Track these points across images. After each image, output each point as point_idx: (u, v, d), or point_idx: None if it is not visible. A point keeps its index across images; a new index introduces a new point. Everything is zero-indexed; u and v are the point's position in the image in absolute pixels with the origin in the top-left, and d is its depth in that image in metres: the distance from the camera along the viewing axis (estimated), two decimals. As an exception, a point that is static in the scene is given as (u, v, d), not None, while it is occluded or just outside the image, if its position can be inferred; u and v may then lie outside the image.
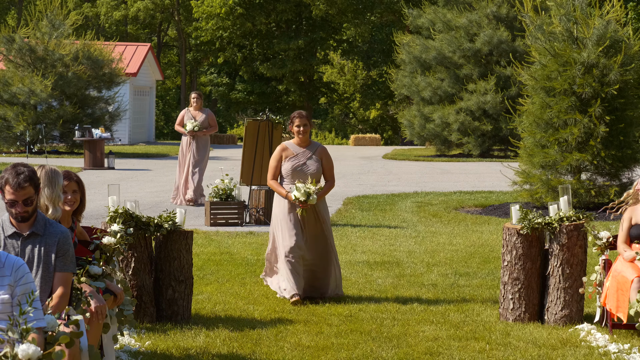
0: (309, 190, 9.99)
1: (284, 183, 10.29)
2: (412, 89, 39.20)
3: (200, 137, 18.70)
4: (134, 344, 8.04)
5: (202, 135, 18.69)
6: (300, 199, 9.97)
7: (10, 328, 4.85)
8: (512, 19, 37.18)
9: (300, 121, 10.37)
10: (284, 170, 10.29)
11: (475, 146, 36.96)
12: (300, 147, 10.37)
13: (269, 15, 59.18)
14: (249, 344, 8.15)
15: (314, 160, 10.30)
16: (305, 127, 10.34)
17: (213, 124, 18.86)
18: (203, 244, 13.86)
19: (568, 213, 9.11)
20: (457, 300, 10.17)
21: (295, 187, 10.03)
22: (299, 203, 10.01)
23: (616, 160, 17.82)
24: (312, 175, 10.22)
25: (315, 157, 10.33)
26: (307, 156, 10.32)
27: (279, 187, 10.22)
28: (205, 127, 18.69)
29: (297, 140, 10.39)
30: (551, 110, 17.70)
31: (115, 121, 36.81)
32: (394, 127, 64.73)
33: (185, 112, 18.85)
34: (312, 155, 10.33)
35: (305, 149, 10.36)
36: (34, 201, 6.10)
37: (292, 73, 59.25)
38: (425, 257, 13.06)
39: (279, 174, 10.33)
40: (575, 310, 9.00)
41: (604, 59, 17.44)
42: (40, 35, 35.10)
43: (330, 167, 10.41)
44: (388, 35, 58.00)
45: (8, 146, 34.88)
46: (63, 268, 6.15)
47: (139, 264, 8.94)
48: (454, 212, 18.54)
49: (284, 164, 10.29)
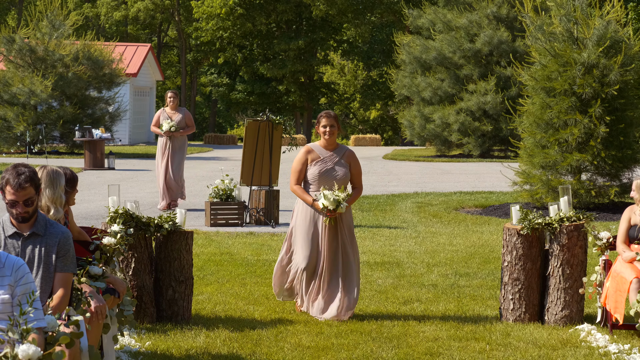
0: (338, 198, 9.14)
1: (310, 190, 9.40)
2: (413, 89, 39.21)
3: (177, 137, 18.04)
4: (134, 344, 8.04)
5: (179, 135, 18.03)
6: (329, 207, 9.13)
7: (11, 328, 4.85)
8: (512, 20, 37.19)
9: (327, 121, 9.45)
10: (310, 175, 9.39)
11: (475, 146, 36.96)
12: (326, 150, 9.47)
13: (269, 15, 59.18)
14: (249, 344, 8.15)
15: (341, 165, 9.44)
16: (332, 128, 9.40)
17: (190, 124, 18.17)
18: (203, 245, 13.86)
19: (568, 213, 9.11)
20: (457, 300, 10.17)
21: (323, 194, 9.18)
22: (327, 212, 9.19)
23: (616, 161, 17.81)
24: (340, 182, 9.37)
25: (343, 162, 9.45)
26: (334, 160, 9.44)
27: (304, 194, 9.34)
28: (182, 128, 18.00)
29: (323, 143, 9.48)
30: (551, 110, 17.70)
31: (115, 121, 36.82)
32: (394, 127, 64.74)
33: (161, 112, 18.12)
34: (340, 160, 9.45)
35: (332, 152, 9.47)
36: (35, 202, 6.09)
37: (293, 73, 59.25)
38: (426, 257, 13.06)
39: (303, 178, 9.44)
40: (576, 311, 9.00)
41: (604, 60, 17.44)
42: (40, 36, 35.10)
43: (358, 172, 9.53)
44: (388, 35, 58.00)
45: (8, 147, 34.88)
46: (63, 268, 6.15)
47: (139, 264, 8.94)
48: (454, 212, 18.54)
49: (310, 168, 9.39)
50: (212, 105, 69.39)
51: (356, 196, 9.44)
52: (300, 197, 9.39)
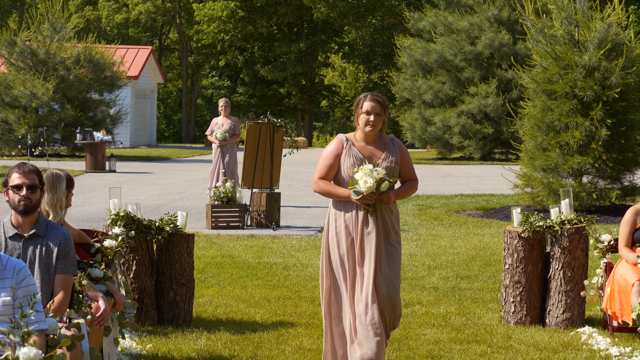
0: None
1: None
2: (414, 92, 39.22)
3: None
4: (135, 347, 8.04)
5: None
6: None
7: (12, 331, 4.85)
8: (513, 22, 37.20)
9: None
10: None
11: (476, 149, 36.96)
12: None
13: (270, 18, 59.21)
14: (251, 347, 8.15)
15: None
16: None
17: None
18: (204, 247, 13.86)
19: (569, 216, 9.11)
20: (459, 303, 10.17)
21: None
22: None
23: (617, 164, 17.81)
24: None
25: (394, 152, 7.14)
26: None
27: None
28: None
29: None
30: (552, 113, 17.70)
31: (116, 124, 36.84)
32: (395, 130, 64.69)
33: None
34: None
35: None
36: (38, 195, 6.12)
37: (294, 76, 59.28)
38: (427, 260, 13.06)
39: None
40: (577, 314, 9.00)
41: (605, 62, 17.44)
42: (41, 39, 35.13)
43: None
44: (389, 38, 58.03)
45: (9, 149, 34.89)
46: (64, 270, 6.15)
47: (140, 267, 8.94)
48: (455, 215, 18.54)
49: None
50: (213, 107, 69.39)
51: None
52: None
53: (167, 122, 74.02)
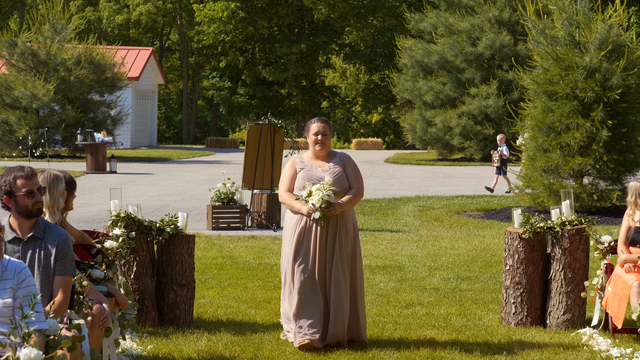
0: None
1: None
2: (414, 92, 39.23)
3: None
4: (135, 347, 8.04)
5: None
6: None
7: (13, 332, 4.86)
8: (514, 23, 37.20)
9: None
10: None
11: (477, 150, 36.97)
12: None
13: (271, 19, 59.22)
14: (251, 348, 8.15)
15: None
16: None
17: None
18: (205, 248, 13.86)
19: (570, 217, 9.10)
20: (459, 304, 10.17)
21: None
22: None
23: (618, 165, 17.81)
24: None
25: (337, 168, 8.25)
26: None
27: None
28: None
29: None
30: (553, 114, 17.70)
31: (117, 125, 36.86)
32: (396, 131, 64.74)
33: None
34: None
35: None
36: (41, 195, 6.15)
37: (294, 77, 59.31)
38: (427, 261, 13.06)
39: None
40: (577, 315, 8.99)
41: (606, 64, 17.44)
42: (42, 40, 35.14)
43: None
44: (390, 39, 58.04)
45: (10, 150, 34.90)
46: (62, 272, 6.15)
47: (141, 267, 8.94)
48: (455, 216, 18.53)
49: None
50: (214, 109, 69.43)
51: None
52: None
53: (168, 123, 74.06)
